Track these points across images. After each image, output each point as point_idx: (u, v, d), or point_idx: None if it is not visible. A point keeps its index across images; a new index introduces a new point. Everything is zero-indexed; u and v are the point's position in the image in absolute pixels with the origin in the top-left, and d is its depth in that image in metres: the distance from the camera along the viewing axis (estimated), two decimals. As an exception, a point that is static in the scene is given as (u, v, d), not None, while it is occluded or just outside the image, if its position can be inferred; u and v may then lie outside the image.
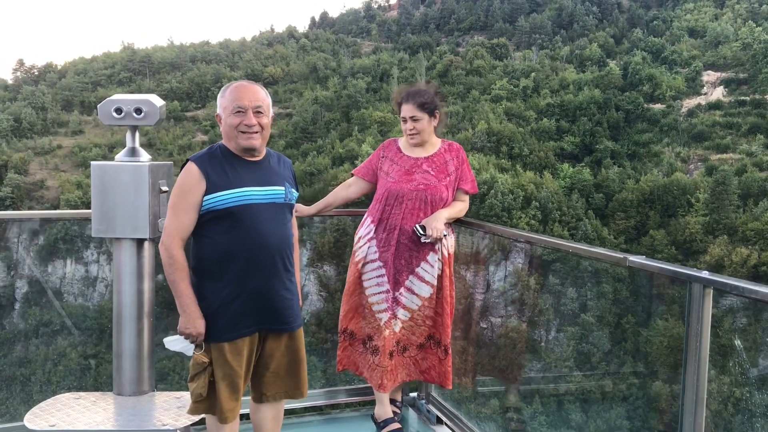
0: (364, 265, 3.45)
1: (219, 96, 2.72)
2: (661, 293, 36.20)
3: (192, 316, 2.57)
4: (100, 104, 3.07)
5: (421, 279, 3.42)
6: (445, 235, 3.43)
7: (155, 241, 3.16)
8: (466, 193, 3.58)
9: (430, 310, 3.47)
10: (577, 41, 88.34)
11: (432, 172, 3.48)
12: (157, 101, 3.11)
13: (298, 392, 2.82)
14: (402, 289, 3.43)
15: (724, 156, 58.92)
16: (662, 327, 32.97)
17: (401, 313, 3.44)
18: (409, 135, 3.49)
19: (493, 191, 49.43)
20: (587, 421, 29.10)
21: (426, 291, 3.44)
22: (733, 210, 49.66)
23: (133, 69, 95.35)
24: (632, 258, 2.27)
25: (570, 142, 64.44)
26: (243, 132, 2.63)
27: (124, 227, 3.04)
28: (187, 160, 2.65)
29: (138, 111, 3.06)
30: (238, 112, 2.62)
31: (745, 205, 50.02)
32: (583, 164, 60.84)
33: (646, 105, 68.30)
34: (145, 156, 3.14)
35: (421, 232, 3.32)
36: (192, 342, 2.60)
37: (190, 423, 2.86)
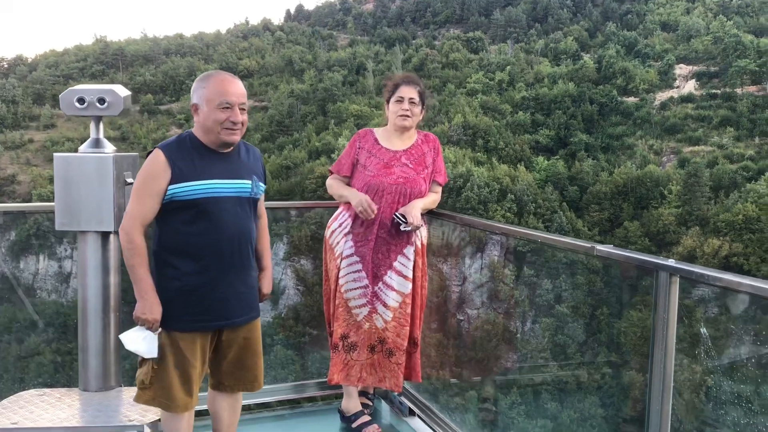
0: (341, 261, 3.40)
1: (198, 85, 2.64)
2: (635, 284, 36.65)
3: (149, 303, 2.54)
4: (62, 94, 3.01)
5: (399, 273, 3.40)
6: (421, 225, 3.42)
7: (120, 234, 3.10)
8: (439, 185, 3.58)
9: (409, 307, 3.43)
10: (551, 35, 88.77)
11: (410, 165, 3.46)
12: (122, 91, 3.05)
13: (255, 384, 2.82)
14: (381, 284, 3.39)
15: (696, 148, 59.73)
16: (635, 318, 33.41)
17: (381, 310, 3.40)
18: (402, 116, 3.43)
19: (469, 184, 49.61)
20: (562, 411, 29.40)
21: (406, 287, 3.41)
22: (704, 202, 50.39)
23: (106, 62, 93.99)
24: (600, 247, 2.28)
25: (545, 135, 64.86)
26: (227, 128, 2.60)
27: (89, 220, 2.99)
28: (155, 147, 2.62)
29: (101, 101, 3.00)
30: (225, 108, 2.58)
31: (717, 197, 50.78)
32: (558, 157, 61.32)
33: (619, 98, 68.95)
34: (109, 147, 3.08)
35: (402, 220, 3.30)
36: (148, 328, 2.55)
37: (157, 418, 2.81)
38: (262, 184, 2.80)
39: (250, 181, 2.71)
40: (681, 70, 73.41)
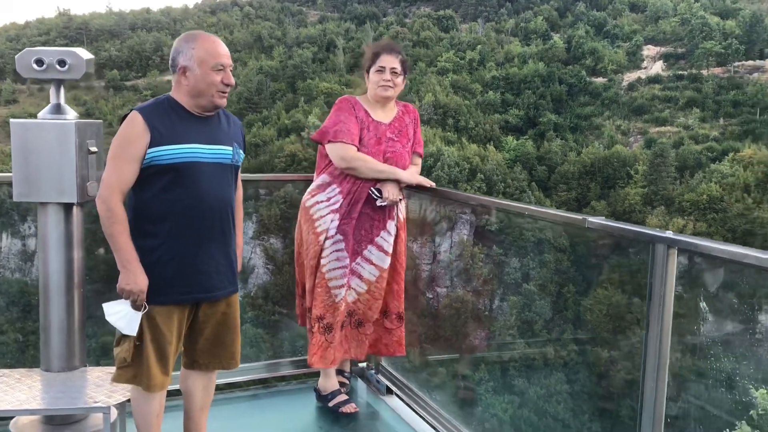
0: (325, 240, 3.23)
1: (184, 46, 2.47)
2: (600, 263, 37.17)
3: (133, 273, 2.40)
4: (19, 55, 2.81)
5: (380, 248, 3.29)
6: (400, 199, 3.30)
7: (84, 206, 2.94)
8: (420, 156, 3.46)
9: (385, 281, 3.33)
10: (522, 14, 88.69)
11: (396, 139, 3.32)
12: (84, 54, 2.87)
13: (232, 362, 2.69)
14: (359, 259, 3.27)
15: (663, 129, 60.49)
16: (601, 295, 33.92)
17: (356, 283, 3.28)
18: (383, 86, 3.26)
19: (439, 163, 49.67)
20: (529, 387, 29.81)
21: (385, 261, 3.30)
22: (670, 182, 51.20)
23: (70, 36, 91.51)
24: (591, 219, 2.19)
25: (514, 115, 65.08)
26: (221, 91, 2.48)
27: (49, 191, 2.81)
28: (131, 110, 2.47)
29: (62, 63, 2.80)
30: (219, 69, 2.46)
31: (682, 177, 51.61)
32: (527, 137, 61.64)
33: (588, 78, 69.38)
34: (71, 113, 2.89)
35: (377, 195, 3.20)
36: (133, 300, 2.40)
37: (125, 399, 2.67)
38: (242, 152, 2.68)
39: (230, 147, 2.59)
40: (649, 51, 74.08)
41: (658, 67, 70.99)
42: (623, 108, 64.93)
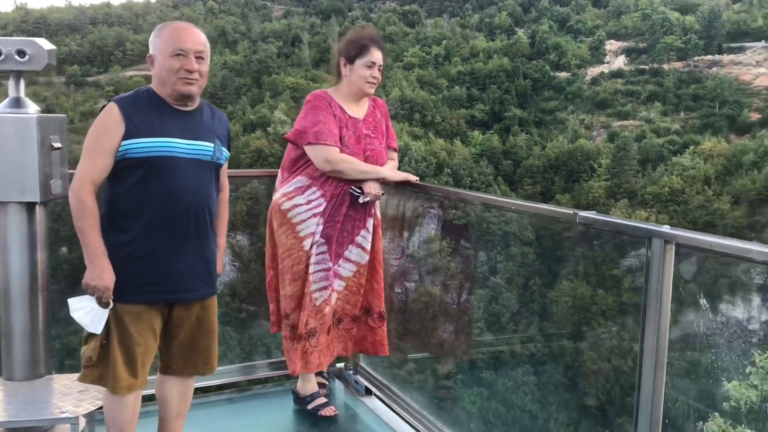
0: (312, 246, 3.08)
1: (153, 36, 2.42)
2: (566, 255, 37.60)
3: (100, 268, 2.29)
4: (-26, 45, 2.64)
5: (359, 246, 3.19)
6: (382, 194, 3.20)
7: (47, 205, 2.79)
8: (394, 150, 3.35)
9: (363, 277, 3.24)
10: (486, 9, 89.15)
11: (373, 135, 3.19)
12: (45, 44, 2.72)
13: (208, 367, 2.58)
14: (341, 261, 3.16)
15: (625, 123, 61.38)
16: (567, 288, 34.32)
17: (337, 284, 3.18)
18: (370, 83, 3.13)
19: (407, 158, 49.69)
20: (497, 379, 30.04)
21: (363, 258, 3.21)
22: (632, 175, 52.06)
23: (27, 30, 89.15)
24: (582, 214, 2.12)
25: (480, 110, 65.45)
26: (182, 78, 2.38)
27: (9, 189, 2.65)
28: (109, 101, 2.39)
29: (21, 53, 2.65)
30: (179, 55, 2.36)
31: (644, 170, 52.49)
32: (493, 131, 62.07)
33: (552, 73, 70.06)
34: (32, 107, 2.74)
35: (359, 192, 3.09)
36: (98, 297, 2.29)
37: (95, 408, 2.54)
38: (225, 150, 2.56)
39: (212, 144, 2.48)
40: (611, 45, 75.06)
41: (620, 62, 72.01)
42: (586, 102, 65.73)
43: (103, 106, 2.39)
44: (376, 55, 3.10)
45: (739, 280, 32.96)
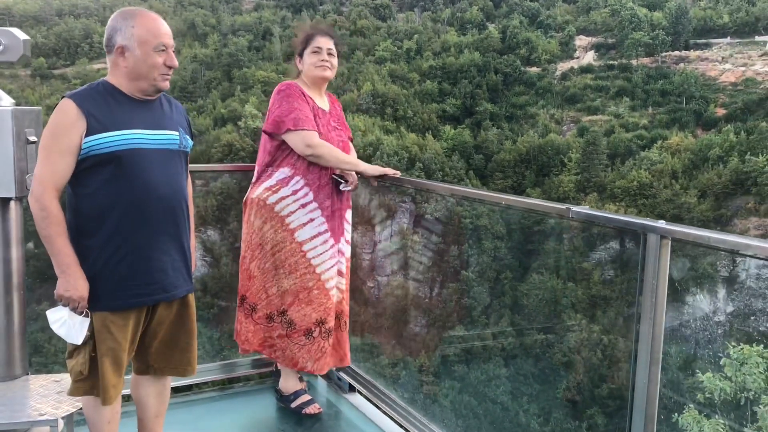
0: (310, 238, 3.03)
1: (121, 24, 2.26)
2: (537, 249, 37.93)
3: (73, 277, 2.18)
4: (-54, 35, 2.54)
5: (346, 239, 3.19)
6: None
7: (22, 201, 2.69)
8: (351, 140, 3.36)
9: (349, 271, 3.24)
10: (458, 4, 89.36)
11: (339, 128, 3.20)
12: (20, 34, 2.62)
13: (189, 368, 2.50)
14: (341, 257, 3.17)
15: (595, 117, 62.04)
16: (537, 281, 34.64)
17: (340, 281, 3.17)
18: (321, 66, 3.09)
19: (378, 153, 49.66)
20: (468, 372, 30.21)
21: (348, 251, 3.21)
22: (602, 169, 52.68)
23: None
24: (575, 209, 2.11)
25: (452, 105, 65.65)
26: (164, 74, 2.30)
27: (-17, 185, 2.56)
28: (63, 97, 2.23)
29: (-5, 44, 2.55)
30: (161, 51, 2.28)
31: (613, 164, 53.15)
32: (464, 126, 62.30)
33: (523, 68, 70.50)
34: (6, 99, 2.64)
35: (341, 180, 3.08)
36: (73, 308, 2.19)
37: (75, 410, 2.46)
38: (189, 138, 2.48)
39: (176, 132, 2.39)
40: (581, 41, 75.78)
41: (589, 57, 72.74)
42: (557, 97, 66.30)
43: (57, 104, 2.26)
44: (321, 41, 3.10)
45: (707, 272, 33.55)
